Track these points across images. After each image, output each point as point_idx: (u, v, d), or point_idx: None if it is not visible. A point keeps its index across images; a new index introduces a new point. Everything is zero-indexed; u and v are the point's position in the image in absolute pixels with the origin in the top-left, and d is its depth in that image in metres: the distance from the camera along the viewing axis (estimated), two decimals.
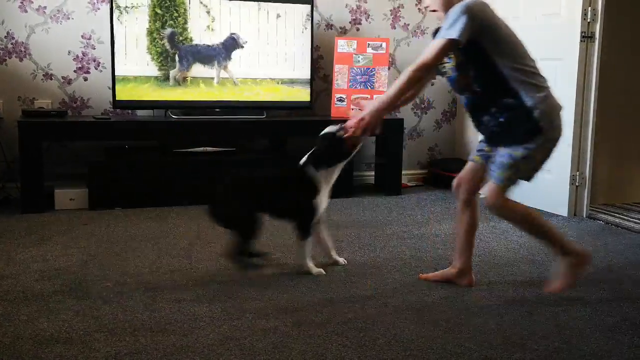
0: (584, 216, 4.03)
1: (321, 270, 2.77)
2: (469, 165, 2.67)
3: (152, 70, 4.16)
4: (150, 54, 4.14)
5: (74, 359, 1.96)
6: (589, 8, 3.86)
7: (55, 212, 3.88)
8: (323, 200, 2.74)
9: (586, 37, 3.88)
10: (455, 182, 2.70)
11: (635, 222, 3.85)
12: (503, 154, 2.43)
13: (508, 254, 3.19)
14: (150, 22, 4.11)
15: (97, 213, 3.86)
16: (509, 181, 2.45)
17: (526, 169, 2.45)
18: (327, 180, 2.74)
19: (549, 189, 4.13)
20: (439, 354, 2.04)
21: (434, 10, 2.54)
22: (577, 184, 4.02)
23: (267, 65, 4.41)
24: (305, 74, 4.50)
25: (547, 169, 4.08)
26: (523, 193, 4.28)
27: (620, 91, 4.43)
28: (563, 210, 4.03)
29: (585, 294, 2.61)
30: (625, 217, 4.01)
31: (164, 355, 1.99)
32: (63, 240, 3.25)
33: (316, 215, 2.74)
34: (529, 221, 2.51)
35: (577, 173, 4.01)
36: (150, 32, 4.12)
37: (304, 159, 2.76)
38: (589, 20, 3.87)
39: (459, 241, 2.71)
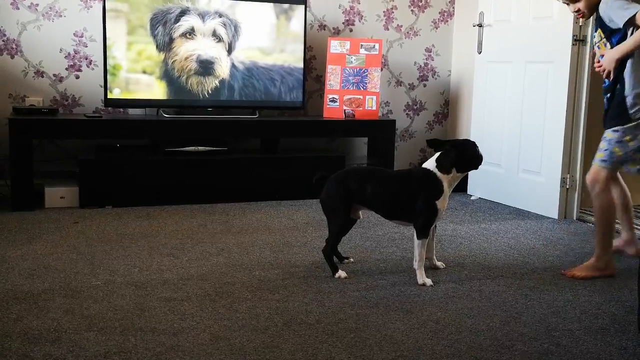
0: (574, 218, 4.05)
1: (428, 281, 2.72)
2: None
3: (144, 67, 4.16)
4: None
5: (63, 358, 1.95)
6: None
7: (45, 210, 3.87)
8: (444, 203, 2.73)
9: (578, 40, 3.90)
10: None
11: None
12: (603, 137, 2.82)
13: (498, 254, 3.20)
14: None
15: (88, 211, 3.85)
16: (603, 162, 2.80)
17: (620, 153, 2.76)
18: (450, 185, 2.74)
19: (540, 191, 4.15)
20: (429, 354, 2.05)
21: (582, 15, 2.86)
22: (567, 187, 4.04)
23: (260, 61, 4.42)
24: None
25: (537, 171, 4.16)
26: (514, 195, 4.32)
27: None
28: (553, 213, 4.05)
29: (574, 297, 2.62)
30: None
31: (154, 354, 1.99)
32: (53, 239, 3.24)
33: (437, 217, 2.74)
34: (604, 215, 2.85)
35: (568, 176, 4.03)
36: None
37: (430, 161, 2.77)
38: (580, 24, 3.89)
39: (619, 216, 3.05)
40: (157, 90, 4.22)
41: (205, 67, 4.27)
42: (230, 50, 4.30)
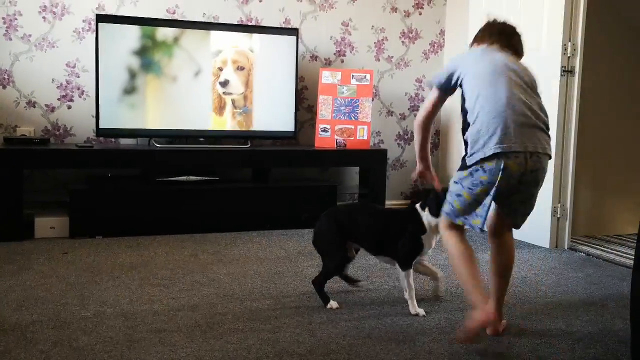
0: (566, 248, 4.05)
1: (421, 311, 2.71)
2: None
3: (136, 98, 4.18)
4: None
5: None
6: (569, 43, 3.94)
7: (35, 240, 3.84)
8: (429, 241, 2.72)
9: (566, 71, 3.95)
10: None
11: (616, 254, 3.88)
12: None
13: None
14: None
15: (78, 241, 3.82)
16: (446, 215, 2.42)
17: (459, 207, 2.34)
18: (434, 227, 2.69)
19: (531, 220, 4.14)
20: None
21: None
22: (558, 216, 4.06)
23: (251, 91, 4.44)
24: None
25: None
26: None
27: (600, 124, 4.49)
28: (545, 242, 4.06)
29: (567, 326, 2.62)
30: (606, 249, 4.03)
31: None
32: (42, 269, 3.21)
33: (422, 253, 2.73)
34: (455, 262, 2.39)
35: (559, 205, 4.05)
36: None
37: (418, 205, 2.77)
38: (568, 55, 3.94)
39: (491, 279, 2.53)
40: (148, 120, 4.23)
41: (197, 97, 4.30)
42: (223, 83, 4.34)
